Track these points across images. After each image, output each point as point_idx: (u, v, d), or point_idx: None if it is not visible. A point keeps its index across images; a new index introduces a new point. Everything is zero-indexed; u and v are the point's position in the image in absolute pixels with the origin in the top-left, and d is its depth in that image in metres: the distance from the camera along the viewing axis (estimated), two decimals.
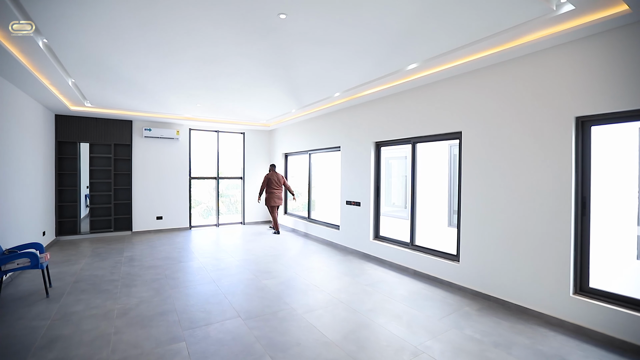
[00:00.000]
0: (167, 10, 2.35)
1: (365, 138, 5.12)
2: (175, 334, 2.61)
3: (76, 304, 3.18)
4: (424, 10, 2.31)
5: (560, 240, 2.77)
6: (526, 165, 3.02)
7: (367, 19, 2.47)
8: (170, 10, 2.35)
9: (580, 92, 2.64)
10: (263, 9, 2.31)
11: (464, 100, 3.58)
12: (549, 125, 2.85)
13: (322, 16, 2.42)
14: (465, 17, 2.40)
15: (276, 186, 6.93)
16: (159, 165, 7.02)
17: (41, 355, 2.29)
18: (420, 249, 4.26)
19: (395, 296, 3.46)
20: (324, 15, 2.40)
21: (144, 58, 3.30)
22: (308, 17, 2.42)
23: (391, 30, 2.64)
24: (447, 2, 2.21)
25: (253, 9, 2.31)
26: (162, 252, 5.27)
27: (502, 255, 3.21)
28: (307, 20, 2.48)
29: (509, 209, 3.16)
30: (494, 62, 3.20)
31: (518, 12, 2.32)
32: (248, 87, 4.37)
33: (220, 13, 2.38)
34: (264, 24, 2.54)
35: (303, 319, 2.92)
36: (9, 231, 3.81)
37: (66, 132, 5.98)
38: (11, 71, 3.39)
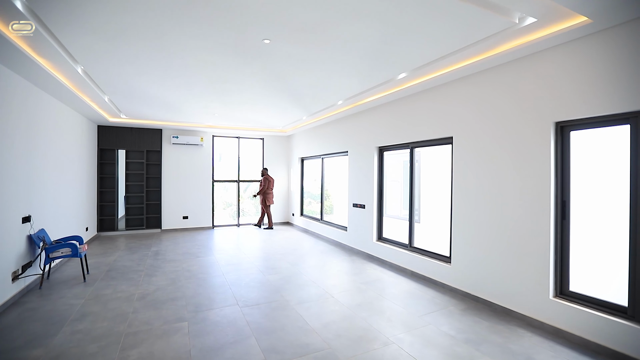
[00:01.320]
0: (172, 42, 2.79)
1: (369, 143, 5.33)
2: (180, 316, 3.03)
3: (106, 288, 3.74)
4: (395, 30, 2.54)
5: (540, 243, 2.82)
6: (509, 171, 3.10)
7: (343, 40, 2.73)
8: (174, 42, 2.79)
9: (559, 98, 2.70)
10: (249, 36, 2.67)
11: (454, 106, 3.70)
12: (529, 130, 2.92)
13: (301, 40, 2.73)
14: (436, 32, 2.58)
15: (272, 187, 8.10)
16: (185, 169, 7.70)
17: (73, 326, 2.81)
18: (417, 251, 4.39)
19: (386, 294, 3.65)
20: (303, 39, 2.72)
21: (162, 79, 3.83)
22: (289, 41, 2.75)
23: (368, 48, 2.88)
24: (414, 22, 2.42)
25: (241, 37, 2.68)
26: (183, 248, 5.84)
27: (489, 257, 3.29)
28: (289, 44, 2.81)
29: (494, 212, 3.24)
30: (475, 71, 3.32)
31: (483, 27, 2.47)
32: (255, 99, 4.79)
33: (214, 42, 2.79)
34: (252, 48, 2.92)
35: (293, 309, 3.22)
36: (57, 226, 4.52)
37: (106, 140, 6.82)
38: (59, 91, 4.07)
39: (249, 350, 2.46)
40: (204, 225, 7.98)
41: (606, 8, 2.07)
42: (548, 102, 2.77)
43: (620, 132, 2.48)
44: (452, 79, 3.61)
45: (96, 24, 2.48)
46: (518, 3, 2.08)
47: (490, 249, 3.28)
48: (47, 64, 3.24)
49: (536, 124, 2.86)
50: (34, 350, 2.44)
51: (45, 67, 3.24)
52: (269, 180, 7.99)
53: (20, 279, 3.46)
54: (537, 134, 2.86)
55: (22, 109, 3.54)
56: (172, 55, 3.08)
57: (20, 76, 3.43)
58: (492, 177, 3.27)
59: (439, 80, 3.66)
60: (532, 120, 2.89)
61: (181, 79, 3.84)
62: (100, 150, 6.80)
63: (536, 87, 2.85)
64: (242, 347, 2.49)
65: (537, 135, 2.85)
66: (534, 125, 2.88)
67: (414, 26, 2.49)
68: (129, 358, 2.35)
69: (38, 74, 3.37)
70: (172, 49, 2.95)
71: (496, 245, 3.22)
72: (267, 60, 3.21)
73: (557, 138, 2.78)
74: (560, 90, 2.68)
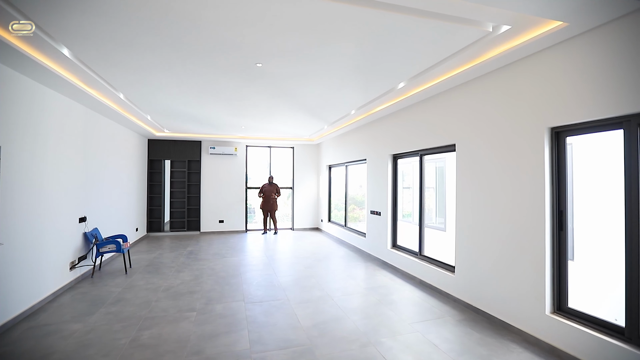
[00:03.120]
0: (180, 70, 3.27)
1: (383, 150, 5.39)
2: (192, 306, 3.46)
3: (140, 280, 4.36)
4: (373, 49, 2.69)
5: (536, 255, 2.69)
6: (503, 179, 3.00)
7: (326, 59, 2.96)
8: (182, 70, 3.27)
9: (552, 102, 2.59)
10: (243, 61, 3.04)
11: (454, 114, 3.67)
12: (523, 137, 2.82)
13: (291, 61, 3.02)
14: (415, 47, 2.68)
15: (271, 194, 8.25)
16: (221, 177, 8.45)
17: (108, 308, 3.39)
18: (426, 259, 4.33)
19: (386, 300, 3.70)
20: (292, 60, 3.00)
21: (187, 99, 4.41)
22: (279, 63, 3.07)
23: (353, 64, 3.07)
24: (390, 42, 2.56)
25: (236, 62, 3.06)
26: (214, 249, 6.44)
27: (489, 268, 3.18)
28: (280, 65, 3.12)
29: (493, 222, 3.14)
30: (467, 79, 3.32)
31: (458, 39, 2.51)
32: (271, 112, 5.20)
33: (216, 67, 3.20)
34: (248, 71, 3.29)
35: (291, 308, 3.46)
36: (110, 226, 5.37)
37: (155, 152, 7.82)
38: (111, 113, 4.90)
39: (239, 339, 2.76)
40: (237, 229, 8.62)
41: (576, 11, 2.01)
42: (542, 107, 2.66)
43: (616, 137, 2.31)
44: (448, 87, 3.61)
45: (126, 62, 3.04)
46: (484, 15, 2.12)
47: (489, 259, 3.18)
48: (97, 93, 3.99)
49: (530, 130, 2.76)
50: (75, 324, 3.02)
51: (95, 95, 4.00)
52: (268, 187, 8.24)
53: (77, 268, 4.23)
54: (531, 140, 2.75)
55: (79, 129, 4.36)
56: (188, 80, 3.59)
57: (78, 102, 4.24)
58: (488, 186, 3.18)
59: (436, 89, 3.67)
60: (526, 127, 2.79)
61: (202, 99, 4.38)
62: (150, 161, 7.82)
63: (528, 92, 2.76)
64: (233, 337, 2.80)
65: (531, 141, 2.74)
66: (528, 132, 2.78)
67: (391, 45, 2.62)
68: (142, 337, 2.80)
69: (92, 100, 4.15)
70: (183, 76, 3.47)
71: (494, 255, 3.11)
72: (268, 80, 3.56)
73: (553, 144, 2.65)
74: (553, 94, 2.57)
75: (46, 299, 3.53)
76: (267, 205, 8.23)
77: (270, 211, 8.30)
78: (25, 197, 3.22)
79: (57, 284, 3.79)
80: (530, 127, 2.75)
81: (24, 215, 3.20)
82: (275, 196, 8.34)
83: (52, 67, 3.04)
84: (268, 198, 8.22)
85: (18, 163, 3.12)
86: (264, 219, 8.37)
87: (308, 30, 2.41)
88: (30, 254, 3.32)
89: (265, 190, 8.22)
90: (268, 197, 8.21)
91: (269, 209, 8.26)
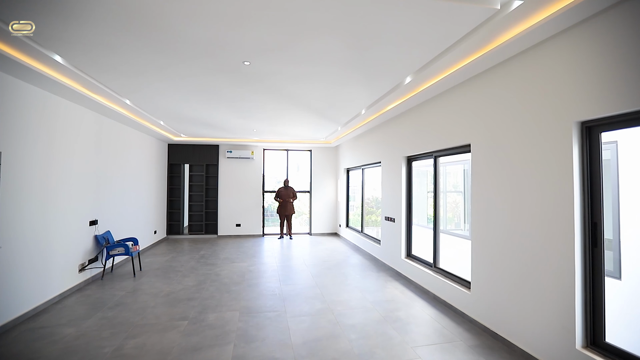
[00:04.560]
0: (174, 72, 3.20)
1: (397, 152, 5.03)
2: (186, 315, 3.36)
3: (145, 284, 4.38)
4: (366, 39, 2.42)
5: (564, 277, 2.24)
6: (527, 185, 2.56)
7: (314, 55, 2.72)
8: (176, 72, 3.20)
9: (581, 91, 2.14)
10: (230, 60, 2.89)
11: (468, 111, 3.26)
12: (544, 135, 2.38)
13: (278, 59, 2.82)
14: (413, 35, 2.36)
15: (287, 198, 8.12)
16: (238, 181, 8.47)
17: (105, 312, 3.38)
18: (441, 272, 3.91)
19: (391, 317, 3.35)
20: (280, 58, 2.80)
21: (189, 102, 4.38)
22: (266, 61, 2.89)
23: (346, 58, 2.79)
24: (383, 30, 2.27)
25: (224, 62, 2.92)
26: (226, 254, 6.40)
27: (509, 287, 2.74)
28: (268, 64, 2.95)
29: (513, 234, 2.70)
30: (478, 71, 2.91)
31: (461, 20, 2.16)
32: (277, 113, 5.04)
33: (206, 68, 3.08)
34: (236, 69, 3.14)
35: (285, 321, 3.23)
36: (126, 228, 5.51)
37: (174, 156, 8.03)
38: (123, 119, 5.03)
39: (220, 355, 2.58)
40: (254, 233, 8.59)
41: None
42: (568, 97, 2.22)
43: None
44: (458, 82, 3.23)
45: (117, 66, 3.03)
46: None
47: (509, 276, 2.73)
48: (105, 100, 4.07)
49: (553, 125, 2.31)
50: (69, 328, 3.03)
51: (103, 102, 4.09)
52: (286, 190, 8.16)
53: (86, 270, 4.33)
54: (555, 138, 2.31)
55: (91, 135, 4.49)
56: (183, 82, 3.52)
57: (88, 109, 4.38)
58: (506, 192, 2.75)
59: (446, 83, 3.30)
60: (549, 122, 2.35)
61: (203, 102, 4.34)
62: (170, 165, 8.03)
63: (551, 81, 2.32)
64: (216, 351, 2.63)
65: (556, 139, 2.30)
66: (551, 128, 2.34)
67: (385, 34, 2.33)
68: (126, 346, 2.72)
69: (99, 106, 4.25)
70: (178, 80, 3.42)
71: (515, 272, 2.67)
72: (258, 79, 3.40)
73: (583, 142, 2.19)
74: (582, 82, 2.12)
75: (51, 301, 3.62)
76: (284, 210, 8.12)
77: (288, 215, 8.18)
78: (32, 201, 3.31)
79: (65, 285, 3.88)
80: (554, 122, 2.31)
81: (30, 218, 3.29)
82: (292, 200, 8.21)
83: (45, 71, 3.10)
84: (285, 202, 8.11)
85: (23, 169, 3.21)
86: (281, 223, 8.27)
87: (288, 22, 2.20)
88: (36, 256, 3.41)
89: (281, 194, 8.11)
90: (285, 201, 8.11)
91: (286, 213, 8.14)
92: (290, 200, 8.16)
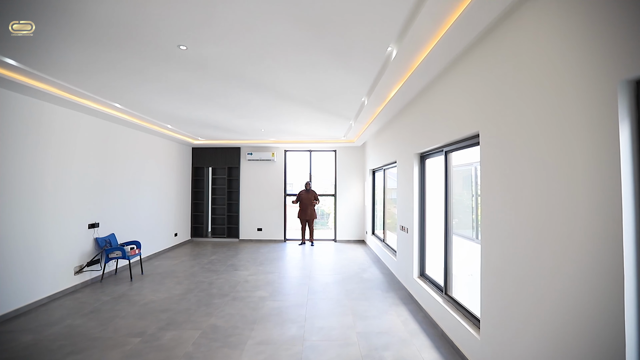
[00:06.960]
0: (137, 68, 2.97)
1: (410, 150, 4.19)
2: (144, 330, 3.08)
3: (134, 290, 4.28)
4: None
5: (611, 312, 1.34)
6: (551, 188, 1.67)
7: (268, 39, 2.19)
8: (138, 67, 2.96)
9: (629, 38, 1.25)
10: (164, 44, 2.52)
11: (473, 91, 2.39)
12: (573, 107, 1.49)
13: (218, 44, 2.35)
14: None
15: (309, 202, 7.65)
16: (259, 184, 8.26)
17: (75, 320, 3.29)
18: (451, 302, 3.02)
19: (375, 357, 2.62)
20: (220, 43, 2.33)
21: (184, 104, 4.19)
22: (205, 45, 2.44)
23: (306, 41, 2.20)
24: None
25: (155, 45, 2.56)
26: (234, 260, 6.15)
27: (535, 337, 1.85)
28: (206, 49, 2.50)
29: (534, 259, 1.81)
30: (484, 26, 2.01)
31: None
32: (272, 111, 4.61)
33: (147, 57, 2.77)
34: (171, 54, 2.74)
35: (241, 350, 2.73)
36: (134, 231, 5.61)
37: (198, 160, 8.15)
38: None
39: None
40: (276, 238, 8.28)
41: None
42: (608, 49, 1.33)
43: None
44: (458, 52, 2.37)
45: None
46: None
47: (534, 320, 1.84)
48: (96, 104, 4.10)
49: (588, 90, 1.43)
50: (30, 335, 2.97)
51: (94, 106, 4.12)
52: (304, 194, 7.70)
53: (85, 272, 4.41)
54: (589, 110, 1.42)
55: (94, 140, 4.59)
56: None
57: (84, 113, 4.47)
58: (524, 197, 1.87)
59: (444, 55, 2.46)
60: (580, 86, 1.46)
61: (193, 100, 4.10)
62: (195, 168, 8.17)
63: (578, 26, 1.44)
64: None
65: (590, 112, 1.41)
66: (583, 94, 1.45)
67: None
68: None
69: (93, 111, 4.30)
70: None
71: (541, 313, 1.78)
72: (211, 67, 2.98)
73: (632, 110, 1.28)
74: (628, 22, 1.24)
75: (38, 302, 3.68)
76: (304, 214, 7.66)
77: (309, 220, 7.71)
78: (22, 205, 3.39)
79: (57, 287, 3.96)
80: (589, 85, 1.42)
81: (19, 221, 3.37)
82: (314, 204, 7.71)
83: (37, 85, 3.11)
84: (306, 206, 7.64)
85: (17, 174, 3.29)
86: (302, 229, 7.82)
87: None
88: (24, 258, 3.48)
89: (302, 198, 7.67)
90: (306, 205, 7.64)
91: (307, 217, 7.67)
92: (312, 204, 7.68)
